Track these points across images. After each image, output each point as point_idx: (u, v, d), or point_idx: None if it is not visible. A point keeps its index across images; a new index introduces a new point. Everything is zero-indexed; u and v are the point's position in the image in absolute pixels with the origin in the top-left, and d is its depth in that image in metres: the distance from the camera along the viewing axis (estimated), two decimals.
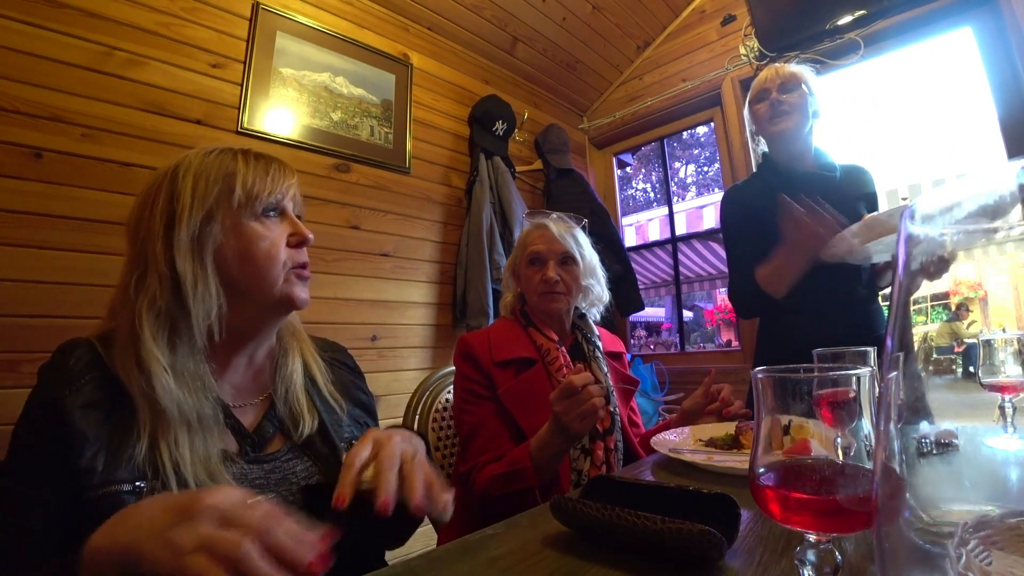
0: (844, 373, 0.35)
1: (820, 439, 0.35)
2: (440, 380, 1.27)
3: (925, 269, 0.20)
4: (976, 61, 2.07)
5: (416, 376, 2.07)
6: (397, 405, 1.15)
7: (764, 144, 1.46)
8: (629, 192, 11.99)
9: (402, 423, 1.22)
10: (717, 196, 8.36)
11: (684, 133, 5.88)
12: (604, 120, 3.19)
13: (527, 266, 1.15)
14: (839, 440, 0.34)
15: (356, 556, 0.68)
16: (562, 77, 2.98)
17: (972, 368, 0.23)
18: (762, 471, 0.36)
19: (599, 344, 1.19)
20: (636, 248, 4.36)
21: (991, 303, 0.21)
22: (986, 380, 0.38)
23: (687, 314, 9.98)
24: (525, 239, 1.19)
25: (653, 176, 12.06)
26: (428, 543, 0.74)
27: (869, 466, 0.33)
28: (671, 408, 2.54)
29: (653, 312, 9.07)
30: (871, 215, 1.12)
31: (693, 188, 12.12)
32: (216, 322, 0.62)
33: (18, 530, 0.52)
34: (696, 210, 8.25)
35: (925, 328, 0.21)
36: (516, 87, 2.86)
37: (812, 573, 0.34)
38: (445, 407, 1.25)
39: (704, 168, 12.26)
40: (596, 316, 1.25)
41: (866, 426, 0.34)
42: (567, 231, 1.17)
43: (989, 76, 2.03)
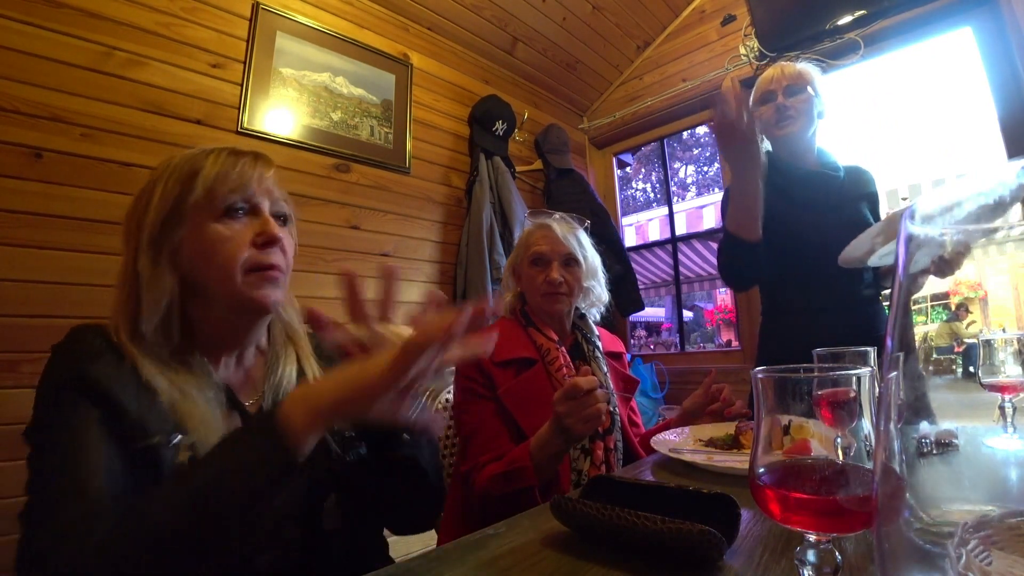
0: (844, 373, 0.35)
1: (820, 439, 0.35)
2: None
3: (926, 270, 0.20)
4: (976, 61, 2.07)
5: None
6: None
7: (767, 143, 1.45)
8: (629, 192, 12.00)
9: None
10: (717, 196, 8.37)
11: (684, 133, 5.89)
12: (604, 120, 3.19)
13: (530, 266, 1.15)
14: (839, 440, 0.34)
15: (364, 545, 0.69)
16: (562, 77, 2.98)
17: (972, 368, 0.23)
18: (762, 471, 0.36)
19: (599, 344, 1.19)
20: (636, 248, 4.36)
21: (991, 303, 0.21)
22: (986, 380, 0.38)
23: (687, 314, 9.99)
24: (528, 239, 1.18)
25: (653, 176, 12.07)
26: (428, 543, 0.74)
27: (869, 466, 0.33)
28: (672, 408, 2.53)
29: (653, 312, 9.07)
30: (894, 212, 1.09)
31: (693, 188, 12.13)
32: (173, 322, 0.62)
33: (87, 467, 0.51)
34: (696, 210, 8.26)
35: (925, 328, 0.21)
36: (516, 87, 2.87)
37: (812, 573, 0.34)
38: (445, 407, 1.25)
39: (704, 168, 12.26)
40: (596, 316, 1.25)
41: (866, 426, 0.34)
42: (570, 232, 1.17)
43: (989, 76, 2.03)
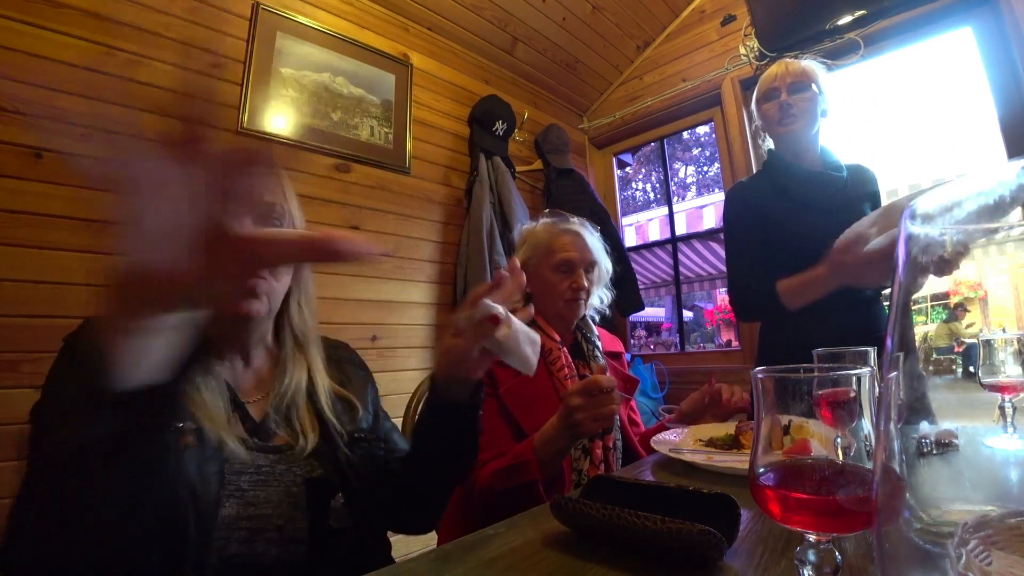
0: (844, 373, 0.35)
1: (820, 439, 0.35)
2: None
3: (926, 269, 0.20)
4: (976, 61, 2.07)
5: (416, 376, 2.07)
6: (397, 405, 1.15)
7: (769, 141, 1.44)
8: (629, 192, 12.00)
9: (402, 423, 1.22)
10: (717, 196, 8.37)
11: (684, 133, 5.89)
12: (604, 120, 3.19)
13: (553, 270, 1.13)
14: (839, 440, 0.34)
15: (367, 546, 0.69)
16: (562, 77, 2.98)
17: (972, 368, 0.23)
18: (762, 471, 0.36)
19: (599, 344, 1.19)
20: (636, 248, 4.36)
21: (991, 303, 0.21)
22: (986, 380, 0.38)
23: (687, 314, 9.98)
24: (553, 242, 1.14)
25: (653, 176, 12.07)
26: (428, 543, 0.74)
27: (869, 466, 0.33)
28: (672, 408, 2.53)
29: (653, 312, 9.07)
30: (891, 201, 1.08)
31: (693, 188, 12.13)
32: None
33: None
34: (696, 210, 8.26)
35: (925, 328, 0.21)
36: (516, 87, 2.86)
37: (812, 573, 0.34)
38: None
39: (704, 168, 12.26)
40: (595, 316, 1.25)
41: (866, 426, 0.34)
42: (596, 239, 1.18)
43: (989, 76, 2.03)
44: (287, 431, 0.69)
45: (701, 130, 7.63)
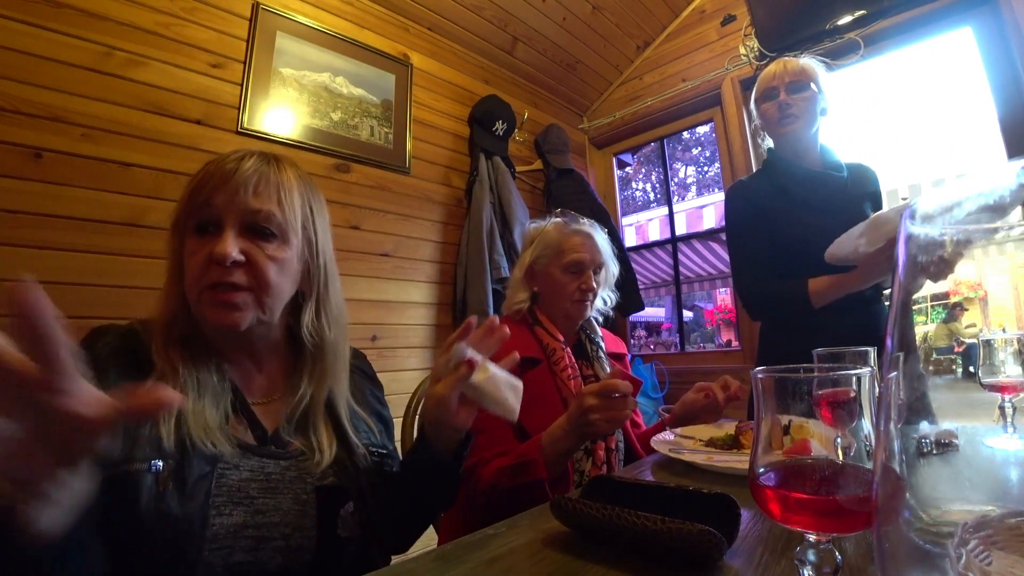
0: (844, 373, 0.35)
1: (820, 439, 0.35)
2: None
3: (926, 269, 0.20)
4: (976, 61, 2.07)
5: (416, 376, 2.07)
6: (397, 405, 1.15)
7: (769, 140, 1.44)
8: (629, 192, 11.99)
9: (402, 423, 1.22)
10: (717, 196, 8.36)
11: (684, 133, 5.89)
12: (604, 120, 3.19)
13: (563, 271, 1.13)
14: (839, 440, 0.34)
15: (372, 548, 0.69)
16: (562, 77, 2.98)
17: (972, 368, 0.23)
18: (762, 471, 0.36)
19: (602, 345, 1.19)
20: (636, 248, 4.36)
21: (991, 303, 0.21)
22: (986, 380, 0.38)
23: (687, 314, 9.98)
24: (564, 243, 1.14)
25: (653, 176, 12.06)
26: (428, 543, 0.74)
27: (869, 466, 0.33)
28: (670, 409, 2.53)
29: (653, 312, 9.07)
30: (877, 214, 1.08)
31: (693, 188, 12.13)
32: (175, 323, 0.64)
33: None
34: (696, 210, 8.25)
35: (925, 328, 0.21)
36: (516, 87, 2.86)
37: (812, 573, 0.34)
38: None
39: (704, 168, 12.26)
40: (599, 317, 1.25)
41: (866, 426, 0.34)
42: (606, 241, 1.19)
43: (989, 76, 2.03)
44: (302, 441, 0.67)
45: (701, 130, 7.63)
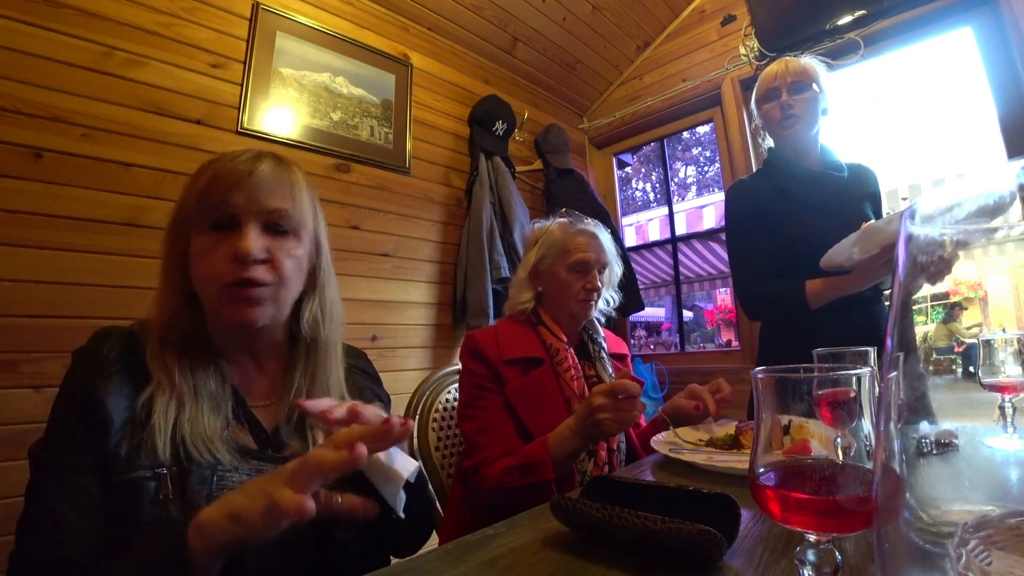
0: (844, 373, 0.35)
1: (820, 439, 0.35)
2: (440, 380, 1.27)
3: (925, 270, 0.20)
4: (976, 61, 2.07)
5: (416, 376, 2.07)
6: (397, 405, 1.15)
7: (769, 140, 1.44)
8: (629, 192, 11.99)
9: None
10: (717, 196, 8.36)
11: (684, 133, 5.89)
12: (604, 120, 3.19)
13: (569, 271, 1.12)
14: (839, 440, 0.34)
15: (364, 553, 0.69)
16: (562, 77, 2.98)
17: (972, 368, 0.23)
18: (762, 471, 0.36)
19: (604, 345, 1.19)
20: (636, 248, 4.36)
21: (991, 303, 0.21)
22: (986, 380, 0.38)
23: (687, 314, 9.98)
24: (569, 243, 1.14)
25: (653, 176, 12.06)
26: (428, 543, 0.74)
27: (869, 466, 0.33)
28: None
29: (653, 312, 9.07)
30: (869, 223, 1.08)
31: (693, 188, 12.12)
32: (173, 325, 0.63)
33: (73, 515, 0.53)
34: (696, 210, 8.25)
35: (925, 328, 0.21)
36: (516, 87, 2.87)
37: (812, 573, 0.34)
38: (445, 407, 1.25)
39: (704, 168, 12.26)
40: (601, 318, 1.25)
41: (866, 426, 0.34)
42: (610, 241, 1.18)
43: (989, 76, 2.03)
44: (300, 442, 0.67)
45: (701, 130, 7.63)
